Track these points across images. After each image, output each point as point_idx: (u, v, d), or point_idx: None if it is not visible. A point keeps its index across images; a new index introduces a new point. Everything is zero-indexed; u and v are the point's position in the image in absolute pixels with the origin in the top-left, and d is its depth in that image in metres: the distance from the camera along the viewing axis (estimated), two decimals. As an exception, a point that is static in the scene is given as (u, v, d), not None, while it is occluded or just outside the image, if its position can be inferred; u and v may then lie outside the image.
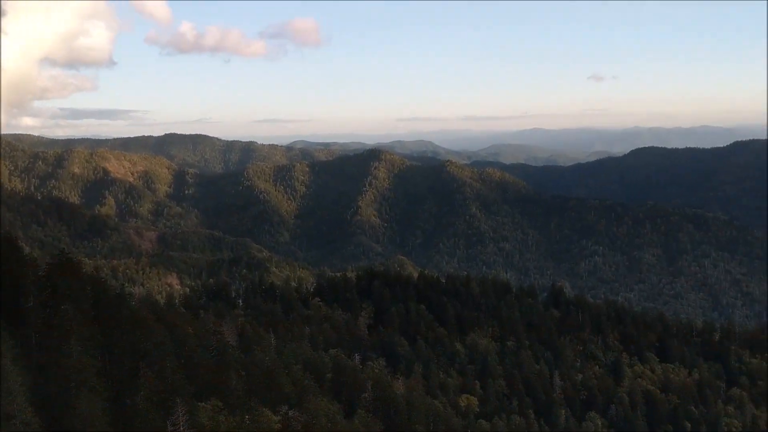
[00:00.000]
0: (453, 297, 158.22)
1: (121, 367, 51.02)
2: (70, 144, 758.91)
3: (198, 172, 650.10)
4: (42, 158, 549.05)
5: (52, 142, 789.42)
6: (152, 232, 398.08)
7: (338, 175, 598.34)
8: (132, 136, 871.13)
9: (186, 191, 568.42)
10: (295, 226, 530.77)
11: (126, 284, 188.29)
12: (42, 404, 40.28)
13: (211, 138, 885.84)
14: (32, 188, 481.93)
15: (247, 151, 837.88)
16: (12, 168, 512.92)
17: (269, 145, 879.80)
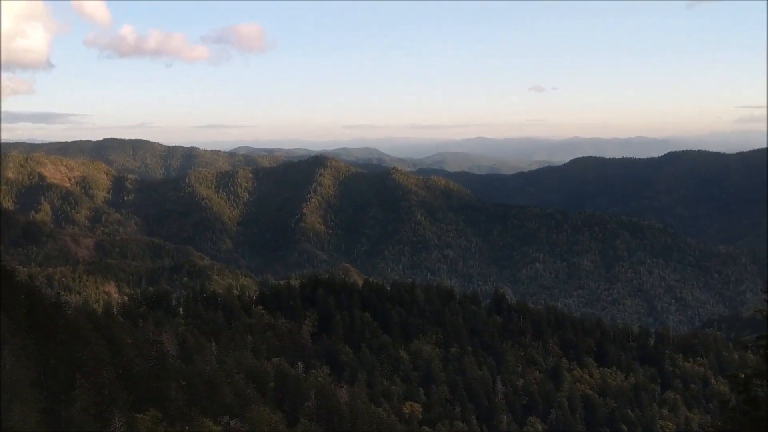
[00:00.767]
0: (398, 304, 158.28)
1: (57, 378, 49.58)
2: (5, 148, 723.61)
3: (138, 178, 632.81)
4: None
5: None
6: (90, 239, 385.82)
7: (282, 182, 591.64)
8: (69, 141, 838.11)
9: (125, 197, 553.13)
10: (238, 234, 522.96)
11: (62, 293, 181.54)
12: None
13: (152, 143, 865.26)
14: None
15: (189, 157, 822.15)
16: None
17: (212, 151, 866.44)
